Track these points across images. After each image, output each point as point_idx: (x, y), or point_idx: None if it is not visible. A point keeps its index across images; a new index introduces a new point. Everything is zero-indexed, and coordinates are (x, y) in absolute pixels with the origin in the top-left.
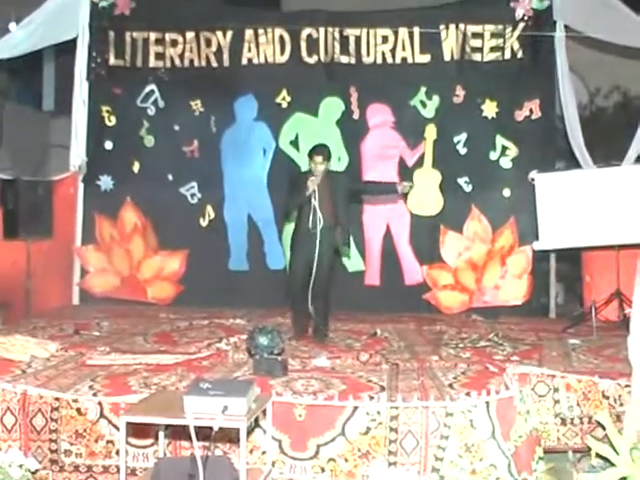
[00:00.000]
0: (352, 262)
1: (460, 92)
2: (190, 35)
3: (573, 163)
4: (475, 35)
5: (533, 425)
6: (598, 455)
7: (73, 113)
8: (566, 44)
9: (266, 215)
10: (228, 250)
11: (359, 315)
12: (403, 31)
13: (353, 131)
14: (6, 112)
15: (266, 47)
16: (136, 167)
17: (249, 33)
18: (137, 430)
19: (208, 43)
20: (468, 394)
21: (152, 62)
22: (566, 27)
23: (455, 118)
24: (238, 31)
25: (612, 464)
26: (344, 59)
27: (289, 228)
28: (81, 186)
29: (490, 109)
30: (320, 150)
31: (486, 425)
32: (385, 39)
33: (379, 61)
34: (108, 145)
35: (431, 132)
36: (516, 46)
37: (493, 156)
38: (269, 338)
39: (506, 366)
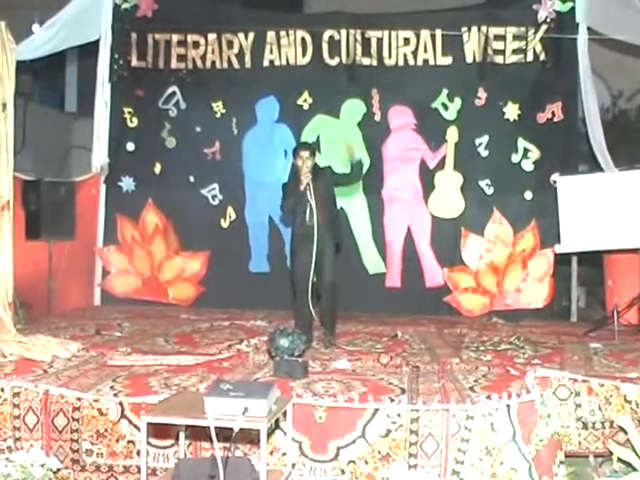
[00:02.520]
0: (373, 264)
1: (482, 94)
2: (212, 37)
3: (595, 166)
4: (497, 37)
5: (554, 429)
6: (620, 460)
7: (95, 114)
8: (589, 46)
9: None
10: (249, 251)
11: (380, 317)
12: (425, 33)
13: (374, 133)
14: (29, 113)
15: (288, 49)
16: (157, 168)
17: (271, 35)
18: (158, 430)
19: (230, 45)
20: (489, 397)
21: (174, 64)
22: (589, 29)
23: (477, 120)
24: (260, 33)
25: (634, 469)
26: (366, 61)
27: None
28: (103, 187)
29: (512, 111)
30: (305, 146)
31: (507, 428)
32: (407, 41)
33: (401, 63)
34: (130, 146)
35: (453, 134)
36: (538, 48)
37: (515, 158)
38: (290, 340)
39: (527, 369)
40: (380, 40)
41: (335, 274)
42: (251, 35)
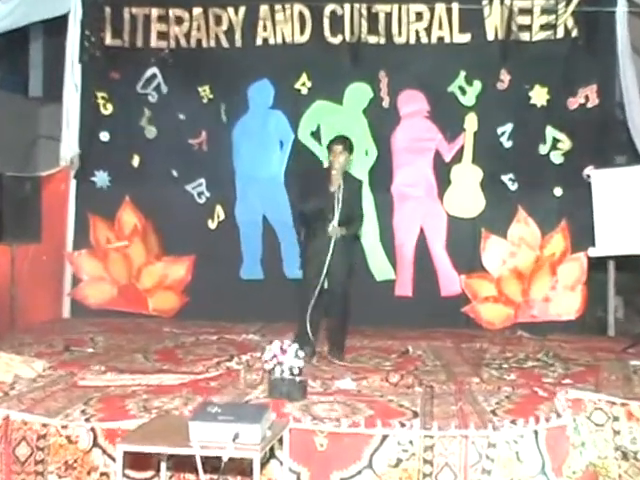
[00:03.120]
0: (380, 270)
1: (505, 77)
2: (197, 11)
3: (634, 157)
4: (523, 11)
5: (589, 459)
6: None
7: (64, 100)
8: (628, 20)
9: (283, 216)
10: (240, 256)
11: (388, 330)
12: (440, 7)
13: (382, 121)
14: None
15: (284, 25)
16: (136, 161)
17: (264, 9)
18: (136, 460)
19: (218, 21)
20: (514, 422)
21: (154, 42)
22: (629, 0)
23: (499, 106)
24: (252, 7)
25: None
26: (372, 39)
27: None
28: (73, 183)
29: (539, 96)
30: (340, 140)
31: (534, 458)
32: (419, 16)
33: (412, 41)
34: (104, 136)
35: (471, 122)
36: (570, 23)
37: (543, 150)
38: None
39: (557, 390)
40: (389, 15)
41: (348, 285)
42: (242, 9)
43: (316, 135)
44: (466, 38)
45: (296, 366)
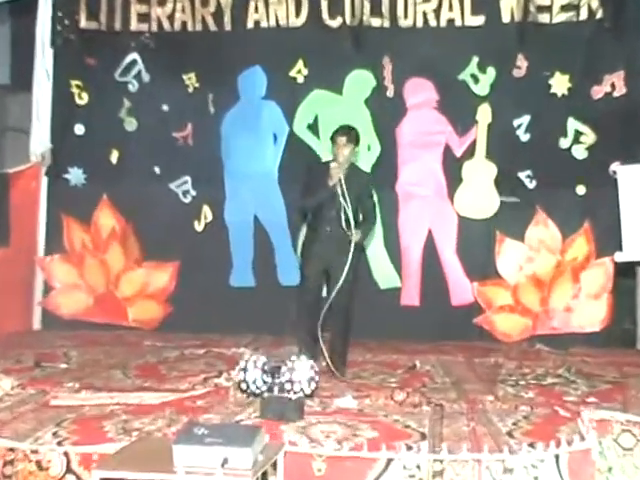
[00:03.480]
0: (385, 277)
1: (522, 63)
2: None
3: None
4: None
5: None
6: None
7: (34, 89)
8: None
9: (277, 217)
10: (229, 261)
11: (393, 343)
12: None
13: (386, 113)
14: None
15: (277, 7)
16: (114, 157)
17: None
18: None
19: (205, 1)
20: (532, 445)
21: (134, 25)
22: None
23: (515, 96)
24: None
25: None
26: (375, 22)
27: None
28: (45, 181)
29: (560, 84)
30: (345, 131)
31: None
32: None
33: (419, 24)
34: (79, 129)
35: (485, 114)
36: (595, 4)
37: (564, 144)
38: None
39: (581, 410)
40: None
41: (351, 297)
42: None
43: (313, 128)
44: (479, 20)
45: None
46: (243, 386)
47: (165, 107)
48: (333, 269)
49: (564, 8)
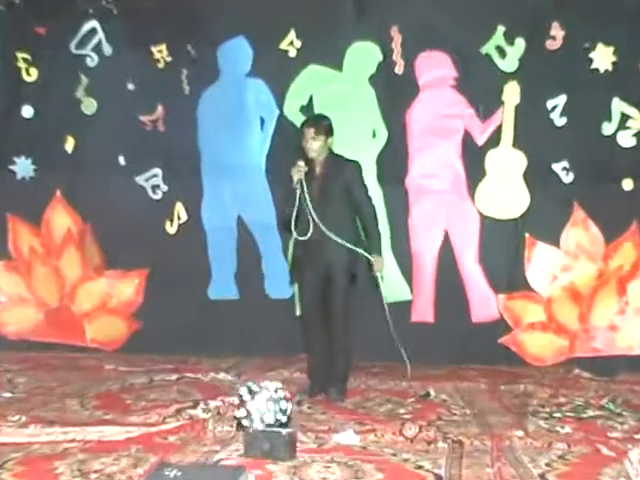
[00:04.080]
0: (392, 289)
1: (557, 33)
2: None
3: None
4: None
5: None
6: None
7: None
8: None
9: (265, 218)
10: (208, 269)
11: (403, 368)
12: None
13: (395, 92)
14: None
15: None
16: (70, 145)
17: None
18: None
19: None
20: None
21: None
22: None
23: (549, 72)
24: None
25: None
26: None
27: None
28: None
29: (603, 58)
30: (312, 122)
31: None
32: None
33: None
34: (27, 112)
35: (512, 93)
36: None
37: (607, 129)
38: (269, 401)
39: (628, 448)
40: None
41: (349, 303)
42: None
43: (308, 110)
44: None
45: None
46: (247, 422)
47: (130, 86)
48: (331, 277)
49: None
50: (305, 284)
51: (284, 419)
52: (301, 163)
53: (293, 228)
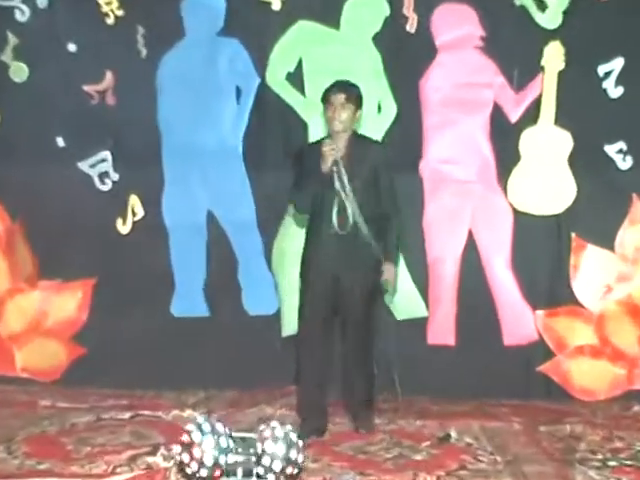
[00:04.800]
0: (404, 303)
1: None
2: None
3: None
4: None
5: None
6: None
7: None
8: None
9: (242, 213)
10: (171, 280)
11: (417, 402)
12: None
13: (406, 56)
14: None
15: None
16: None
17: None
18: None
19: None
20: None
21: None
22: None
23: (601, 30)
24: None
25: None
26: None
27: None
28: None
29: None
30: (343, 86)
31: None
32: None
33: None
34: None
35: (555, 57)
36: None
37: None
38: (248, 446)
39: None
40: None
41: (374, 317)
42: None
43: (295, 78)
44: None
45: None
46: (190, 469)
47: (72, 47)
48: (344, 287)
49: None
50: (314, 292)
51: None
52: (329, 141)
53: (335, 220)
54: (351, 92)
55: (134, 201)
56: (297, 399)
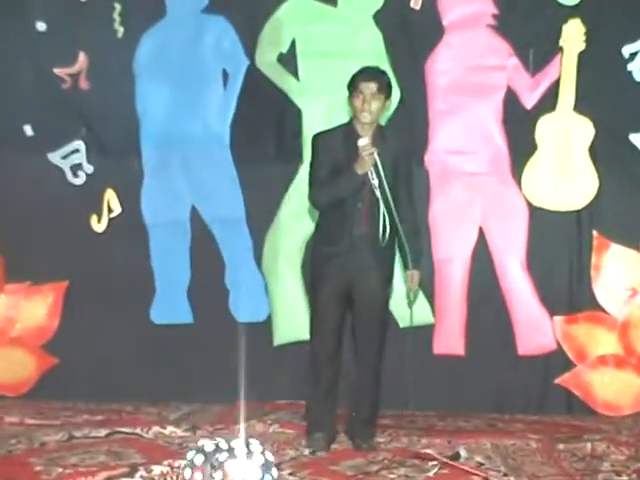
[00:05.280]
0: (406, 310)
1: None
2: None
3: None
4: None
5: None
6: None
7: None
8: None
9: (229, 210)
10: (151, 283)
11: (423, 418)
12: None
13: (410, 35)
14: None
15: None
16: None
17: None
18: None
19: None
20: None
21: None
22: None
23: (626, 6)
24: None
25: None
26: None
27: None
28: None
29: None
30: (374, 74)
31: None
32: None
33: None
34: None
35: (575, 36)
36: None
37: None
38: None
39: None
40: None
41: (383, 349)
42: None
43: (289, 60)
44: None
45: None
46: None
47: (40, 25)
48: (359, 295)
49: None
50: (328, 299)
51: None
52: (368, 142)
53: (382, 231)
54: (383, 81)
55: (110, 196)
56: (307, 413)
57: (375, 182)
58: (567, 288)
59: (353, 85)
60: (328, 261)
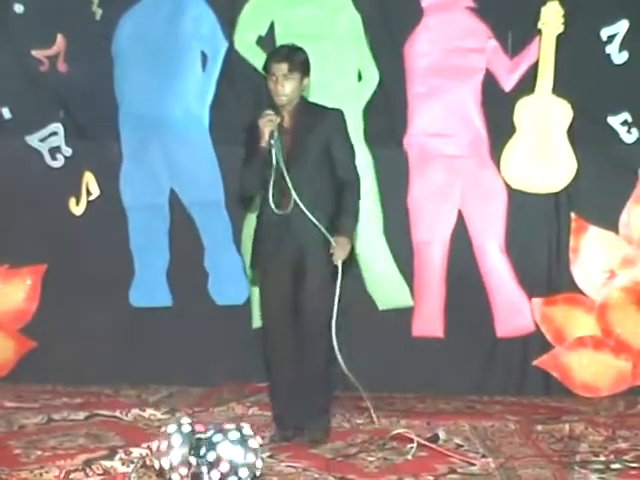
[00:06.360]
0: (386, 292)
1: None
2: None
3: None
4: None
5: None
6: None
7: None
8: None
9: (208, 193)
10: (130, 267)
11: (402, 400)
12: None
13: (389, 17)
14: None
15: None
16: None
17: None
18: None
19: None
20: None
21: None
22: None
23: None
24: None
25: None
26: None
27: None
28: None
29: None
30: (285, 53)
31: None
32: None
33: None
34: None
35: (553, 18)
36: None
37: None
38: (220, 451)
39: None
40: None
41: (330, 313)
42: None
43: (268, 42)
44: None
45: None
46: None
47: (18, 6)
48: (305, 270)
49: None
50: (271, 282)
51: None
52: (270, 112)
53: (271, 200)
54: (295, 59)
55: (89, 178)
56: (272, 399)
57: (274, 159)
58: (546, 270)
59: (266, 67)
60: (263, 246)
